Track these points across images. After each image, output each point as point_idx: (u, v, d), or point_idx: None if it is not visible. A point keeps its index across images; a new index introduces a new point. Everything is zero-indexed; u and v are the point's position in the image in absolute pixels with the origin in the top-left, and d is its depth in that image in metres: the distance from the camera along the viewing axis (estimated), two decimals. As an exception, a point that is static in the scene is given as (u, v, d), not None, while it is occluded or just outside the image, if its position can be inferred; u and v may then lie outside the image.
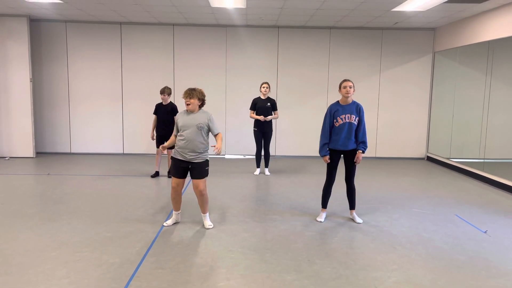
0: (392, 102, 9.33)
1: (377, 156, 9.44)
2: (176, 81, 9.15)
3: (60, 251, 3.89)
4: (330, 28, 9.08)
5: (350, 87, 4.65)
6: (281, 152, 9.44)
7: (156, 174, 7.13)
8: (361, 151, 4.74)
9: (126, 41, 9.08)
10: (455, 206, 5.65)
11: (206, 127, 4.46)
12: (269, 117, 7.20)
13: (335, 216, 5.08)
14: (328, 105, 9.13)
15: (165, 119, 6.82)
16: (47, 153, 9.26)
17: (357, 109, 4.72)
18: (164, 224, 4.66)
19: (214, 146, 4.35)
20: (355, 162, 4.76)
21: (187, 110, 4.50)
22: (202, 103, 4.52)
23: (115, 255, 3.81)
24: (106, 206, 5.37)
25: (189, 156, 4.40)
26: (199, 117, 4.45)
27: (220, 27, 9.06)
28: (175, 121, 4.57)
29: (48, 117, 9.23)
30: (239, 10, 7.42)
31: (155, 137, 6.93)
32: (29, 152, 8.79)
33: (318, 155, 4.92)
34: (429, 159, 9.30)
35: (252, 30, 9.10)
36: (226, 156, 9.37)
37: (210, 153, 4.69)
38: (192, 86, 4.61)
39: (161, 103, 6.92)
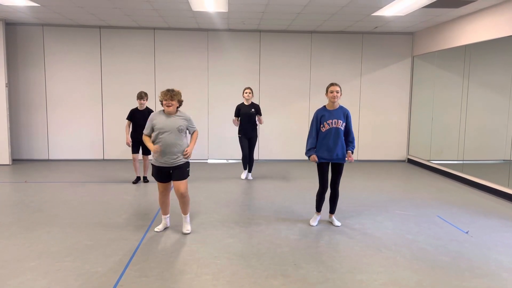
0: (373, 106, 9.45)
1: (358, 159, 9.52)
2: (157, 85, 9.04)
3: (40, 261, 3.76)
4: (311, 32, 9.15)
5: (337, 92, 4.61)
6: (264, 156, 9.42)
7: (138, 180, 7.01)
8: (350, 152, 4.71)
9: (105, 45, 8.93)
10: (437, 207, 5.74)
11: (185, 128, 4.39)
12: (261, 119, 7.15)
13: (320, 220, 5.08)
14: (310, 108, 9.23)
15: (142, 124, 6.64)
16: (23, 160, 9.01)
17: (344, 115, 4.70)
18: (156, 230, 4.58)
19: (185, 150, 4.35)
20: (348, 159, 4.70)
21: (163, 111, 4.36)
22: (180, 104, 4.43)
23: (97, 264, 3.71)
24: (86, 213, 5.24)
25: (170, 160, 4.31)
26: (178, 120, 4.34)
27: (202, 31, 9.01)
28: (150, 121, 4.39)
29: (24, 123, 8.99)
30: (220, 14, 7.40)
31: (130, 143, 6.77)
32: (5, 159, 8.53)
33: (301, 158, 4.92)
34: (410, 161, 9.44)
35: (233, 34, 9.08)
36: (209, 161, 9.30)
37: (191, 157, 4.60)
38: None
39: (137, 108, 6.78)
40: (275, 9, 6.96)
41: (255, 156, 9.03)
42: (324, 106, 4.77)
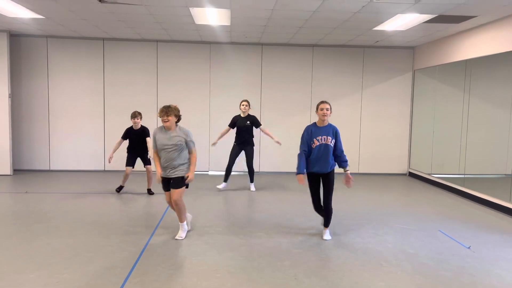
0: (374, 119, 9.47)
1: (360, 172, 9.51)
2: (159, 98, 9.09)
3: (39, 272, 3.74)
4: (312, 46, 9.22)
5: (327, 109, 4.72)
6: (265, 168, 9.42)
7: (121, 189, 7.06)
8: (348, 172, 4.80)
9: (108, 57, 9.01)
10: (438, 222, 5.71)
11: (184, 144, 4.61)
12: (267, 131, 7.31)
13: (319, 233, 5.05)
14: (311, 121, 9.22)
15: (139, 143, 6.83)
16: (24, 171, 9.00)
17: (333, 132, 4.77)
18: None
19: (187, 175, 4.64)
20: (348, 184, 4.84)
21: (164, 127, 4.60)
22: (178, 119, 4.64)
23: (96, 277, 3.68)
24: (86, 225, 5.22)
25: (169, 172, 4.63)
26: (177, 135, 4.57)
27: (204, 43, 9.09)
28: (153, 137, 4.68)
29: (26, 133, 9.01)
30: (223, 27, 7.47)
31: (111, 159, 6.85)
32: (6, 169, 8.54)
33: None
34: (411, 174, 9.42)
35: (236, 47, 9.15)
36: (210, 173, 9.29)
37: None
38: (176, 103, 4.72)
39: (132, 127, 6.84)
40: (277, 23, 7.02)
41: (256, 168, 9.03)
42: (314, 122, 4.85)
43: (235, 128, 7.32)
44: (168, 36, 8.55)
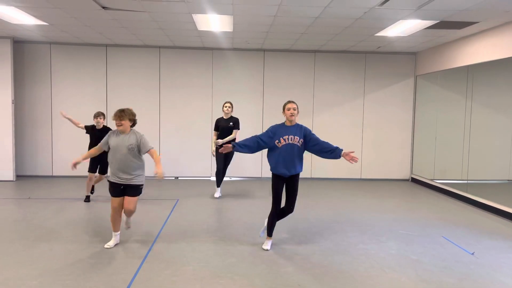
0: (376, 124, 9.47)
1: (362, 177, 9.50)
2: (161, 103, 9.11)
3: (41, 279, 3.74)
4: (314, 51, 9.24)
5: (294, 109, 4.62)
6: (267, 173, 9.39)
7: (88, 198, 6.84)
8: (344, 151, 4.39)
9: (111, 63, 9.05)
10: (441, 228, 5.69)
11: (136, 148, 4.48)
12: (223, 141, 6.62)
13: (322, 239, 5.04)
14: (313, 127, 9.24)
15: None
16: (27, 176, 9.02)
17: (301, 131, 4.61)
18: (106, 246, 4.59)
19: (156, 172, 4.38)
20: (353, 160, 4.33)
21: (118, 131, 4.56)
22: (133, 123, 4.60)
23: (99, 283, 3.68)
24: (89, 231, 5.23)
25: (124, 177, 4.47)
26: (130, 139, 4.49)
27: (207, 49, 9.12)
28: (107, 138, 4.58)
29: (29, 139, 9.04)
30: (225, 33, 7.50)
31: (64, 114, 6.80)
32: (9, 175, 8.56)
33: (305, 176, 4.87)
34: (414, 180, 9.40)
35: (238, 53, 9.19)
36: (212, 179, 9.28)
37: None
38: (178, 109, 4.63)
39: (94, 126, 6.76)
40: (280, 29, 7.05)
41: (258, 174, 9.06)
42: (283, 123, 4.74)
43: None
44: (170, 42, 8.60)
